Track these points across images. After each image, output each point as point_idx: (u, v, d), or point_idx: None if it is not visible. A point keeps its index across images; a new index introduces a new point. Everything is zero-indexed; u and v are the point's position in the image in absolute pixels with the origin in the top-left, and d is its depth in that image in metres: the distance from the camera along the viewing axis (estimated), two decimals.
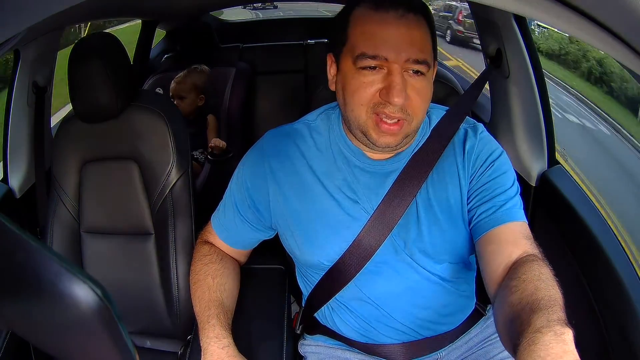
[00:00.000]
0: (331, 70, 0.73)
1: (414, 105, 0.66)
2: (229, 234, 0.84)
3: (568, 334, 0.45)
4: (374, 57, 0.64)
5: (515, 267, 0.62)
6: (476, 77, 0.98)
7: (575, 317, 0.52)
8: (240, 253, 0.88)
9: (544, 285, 0.56)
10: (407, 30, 0.64)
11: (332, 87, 0.73)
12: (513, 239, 0.66)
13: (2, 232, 0.28)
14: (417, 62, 0.64)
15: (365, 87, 0.65)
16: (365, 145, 0.72)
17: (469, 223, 0.73)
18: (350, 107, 0.68)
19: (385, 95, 0.64)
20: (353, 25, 0.67)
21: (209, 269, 0.81)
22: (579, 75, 5.66)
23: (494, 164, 0.72)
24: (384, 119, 0.66)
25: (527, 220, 0.71)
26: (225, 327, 0.75)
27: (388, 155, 0.74)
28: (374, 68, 0.65)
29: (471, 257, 0.79)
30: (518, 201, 0.71)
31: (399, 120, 0.66)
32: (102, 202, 1.04)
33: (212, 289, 0.79)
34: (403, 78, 0.64)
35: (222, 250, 0.86)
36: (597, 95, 5.09)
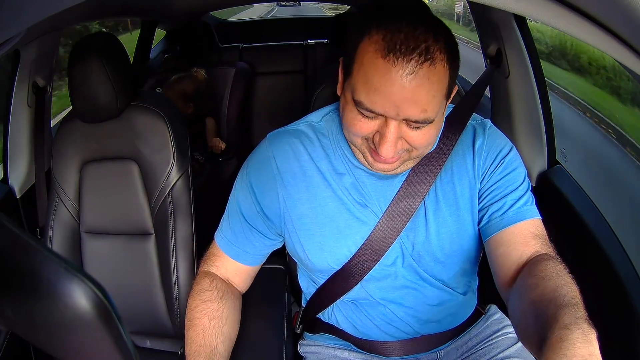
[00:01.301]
0: (340, 76, 0.68)
1: (413, 144, 0.62)
2: (238, 249, 0.78)
3: (594, 335, 0.46)
4: (370, 111, 0.60)
5: (530, 266, 0.62)
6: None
7: None
8: (247, 274, 0.82)
9: (563, 282, 0.56)
10: (411, 90, 0.56)
11: (339, 93, 0.69)
12: (523, 239, 0.66)
13: (2, 232, 0.28)
14: (417, 122, 0.59)
15: (360, 126, 0.62)
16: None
17: (479, 222, 0.72)
18: (346, 130, 0.66)
19: (378, 143, 0.61)
20: (359, 61, 0.59)
21: (206, 308, 0.74)
22: None
23: (504, 161, 0.71)
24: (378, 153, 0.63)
25: (540, 216, 0.70)
26: None
27: None
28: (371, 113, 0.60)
29: (476, 259, 0.79)
30: (529, 198, 0.70)
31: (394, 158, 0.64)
32: (102, 202, 1.04)
33: (206, 332, 0.73)
34: (399, 130, 0.60)
35: (225, 283, 0.79)
36: None
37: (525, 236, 0.66)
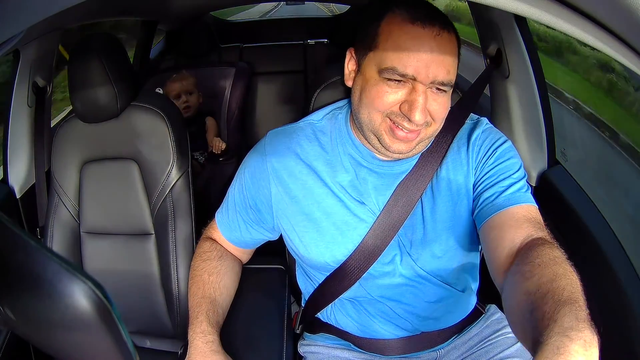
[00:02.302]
0: (349, 65, 0.72)
1: (434, 116, 0.66)
2: (232, 233, 0.84)
3: (596, 347, 0.41)
4: (402, 75, 0.63)
5: (524, 252, 0.59)
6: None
7: None
8: (243, 251, 0.88)
9: (562, 270, 0.52)
10: (439, 50, 0.63)
11: (349, 84, 0.72)
12: (515, 222, 0.64)
13: (2, 232, 0.28)
14: (443, 83, 0.64)
15: (387, 96, 0.65)
16: (376, 149, 0.71)
17: (473, 212, 0.72)
18: (367, 110, 0.67)
19: (407, 111, 0.64)
20: (385, 33, 0.65)
21: (206, 266, 0.82)
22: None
23: (497, 151, 0.72)
24: (400, 127, 0.66)
25: (536, 204, 0.69)
26: (212, 324, 0.76)
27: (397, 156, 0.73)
28: (399, 81, 0.64)
29: (475, 255, 0.79)
30: (524, 186, 0.69)
31: (416, 130, 0.66)
32: (102, 202, 1.04)
33: (206, 285, 0.80)
34: (426, 95, 0.64)
35: (224, 247, 0.86)
36: None
37: (517, 219, 0.65)
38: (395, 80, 0.64)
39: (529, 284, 0.52)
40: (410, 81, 0.63)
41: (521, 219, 0.65)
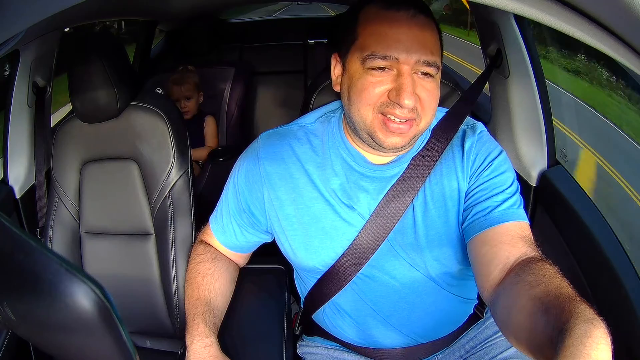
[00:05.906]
0: (335, 71, 0.71)
1: (424, 105, 0.65)
2: (226, 238, 0.83)
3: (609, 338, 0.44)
4: (384, 58, 0.62)
5: (525, 266, 0.59)
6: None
7: None
8: (238, 256, 0.87)
9: (565, 283, 0.54)
10: (418, 30, 0.63)
11: (337, 88, 0.71)
12: (510, 239, 0.64)
13: (2, 232, 0.28)
14: (428, 63, 0.63)
15: (373, 87, 0.64)
16: (371, 147, 0.69)
17: (462, 222, 0.71)
18: (357, 107, 0.66)
19: (395, 97, 0.62)
20: (362, 24, 0.65)
21: (200, 268, 0.82)
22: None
23: (492, 164, 0.71)
24: (392, 119, 0.64)
25: (528, 220, 0.69)
26: (209, 326, 0.75)
27: (389, 159, 0.72)
28: (382, 69, 0.63)
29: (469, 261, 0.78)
30: (517, 200, 0.69)
31: (408, 119, 0.64)
32: (102, 202, 1.04)
33: (200, 287, 0.80)
34: (413, 79, 0.63)
35: (218, 250, 0.86)
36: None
37: (512, 237, 0.64)
38: (379, 68, 0.63)
39: (537, 291, 0.53)
40: (395, 67, 0.63)
41: (516, 236, 0.65)
